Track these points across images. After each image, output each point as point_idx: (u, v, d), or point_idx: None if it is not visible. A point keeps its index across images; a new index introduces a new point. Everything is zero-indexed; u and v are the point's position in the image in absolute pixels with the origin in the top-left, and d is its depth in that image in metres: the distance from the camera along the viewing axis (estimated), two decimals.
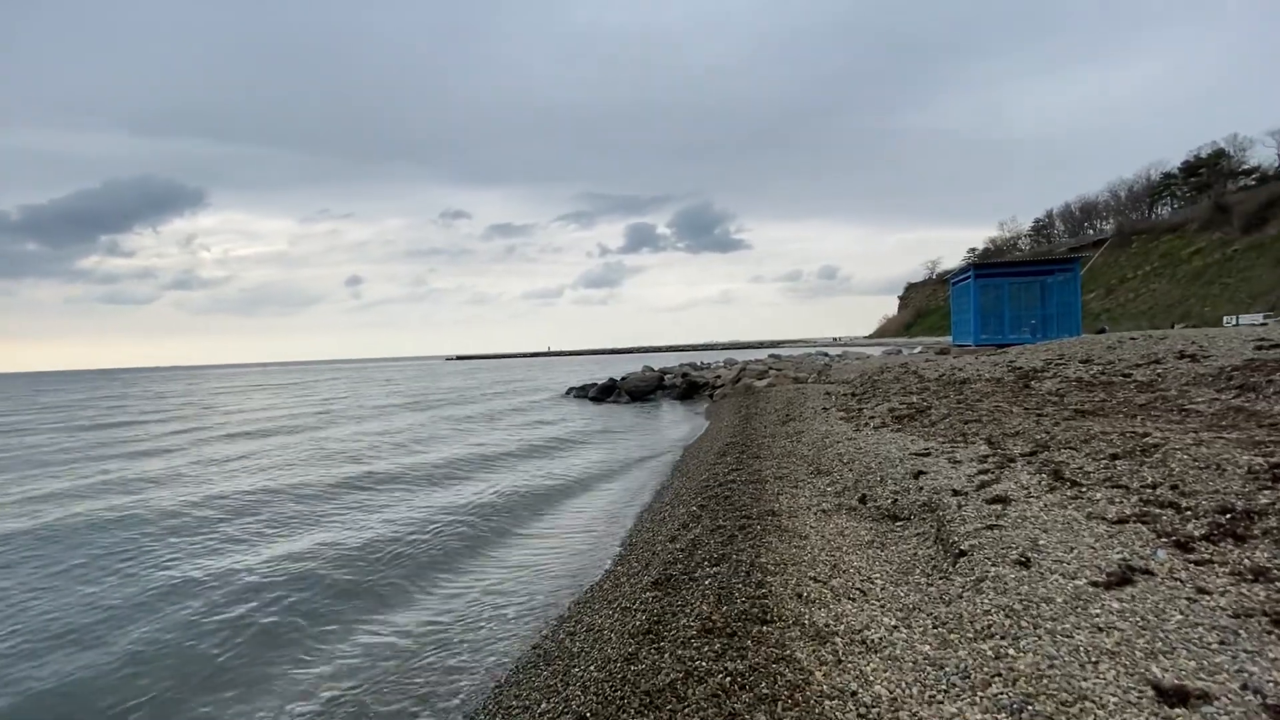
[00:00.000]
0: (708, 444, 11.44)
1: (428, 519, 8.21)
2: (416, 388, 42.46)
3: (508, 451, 13.67)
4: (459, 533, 7.59)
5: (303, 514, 8.82)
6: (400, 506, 9.05)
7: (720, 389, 22.95)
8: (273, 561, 6.72)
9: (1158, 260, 74.93)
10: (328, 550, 7.00)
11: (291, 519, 8.58)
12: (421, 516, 8.36)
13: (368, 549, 7.01)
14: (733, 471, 7.64)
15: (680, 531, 5.53)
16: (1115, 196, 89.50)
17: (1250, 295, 58.93)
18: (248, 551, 7.15)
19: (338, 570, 6.36)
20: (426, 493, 9.92)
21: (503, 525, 7.90)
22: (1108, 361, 11.03)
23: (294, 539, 7.60)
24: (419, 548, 7.05)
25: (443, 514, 8.44)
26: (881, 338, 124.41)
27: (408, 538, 7.40)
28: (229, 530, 8.12)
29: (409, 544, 7.18)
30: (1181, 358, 9.68)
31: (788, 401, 14.65)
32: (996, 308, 22.90)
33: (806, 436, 9.27)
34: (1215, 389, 7.63)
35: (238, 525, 8.35)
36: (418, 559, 6.68)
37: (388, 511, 8.76)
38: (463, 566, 6.45)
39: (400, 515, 8.49)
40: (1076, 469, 4.95)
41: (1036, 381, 10.82)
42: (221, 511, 9.10)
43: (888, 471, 6.20)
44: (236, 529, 8.17)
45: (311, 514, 8.81)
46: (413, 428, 19.15)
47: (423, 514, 8.50)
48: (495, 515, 8.36)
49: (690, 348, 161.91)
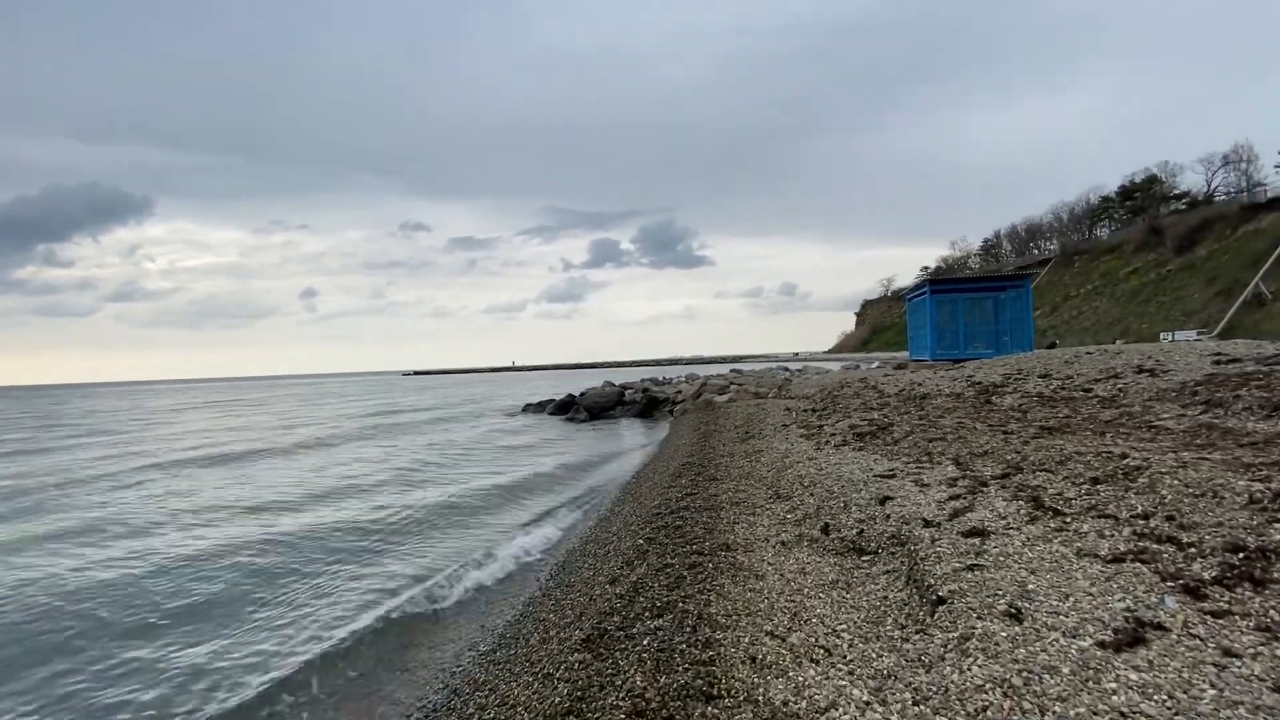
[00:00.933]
0: (664, 464, 10.82)
1: (312, 561, 7.33)
2: (363, 406, 40.73)
3: (441, 469, 12.76)
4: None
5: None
6: (282, 547, 8.12)
7: (681, 404, 22.43)
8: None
9: (1098, 279, 78.43)
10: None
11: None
12: (303, 561, 7.47)
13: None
14: (687, 496, 7.02)
15: (623, 570, 4.87)
16: (1058, 218, 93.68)
17: (1184, 313, 62.05)
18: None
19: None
20: (324, 521, 8.99)
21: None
22: (1066, 376, 10.90)
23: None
24: (301, 593, 6.19)
25: (349, 538, 7.57)
26: (840, 353, 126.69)
27: (280, 580, 6.52)
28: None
29: (278, 586, 6.31)
30: (1140, 372, 9.57)
31: (747, 418, 14.18)
32: (952, 323, 23.11)
33: (766, 456, 8.74)
34: (1180, 404, 7.43)
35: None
36: (306, 598, 5.83)
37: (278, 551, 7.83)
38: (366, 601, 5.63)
39: (281, 559, 7.58)
40: (1056, 495, 4.50)
41: (997, 397, 10.59)
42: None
43: (851, 496, 5.68)
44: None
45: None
46: (347, 464, 17.99)
47: (310, 554, 7.61)
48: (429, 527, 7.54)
49: (654, 363, 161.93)
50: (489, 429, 21.83)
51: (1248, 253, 60.24)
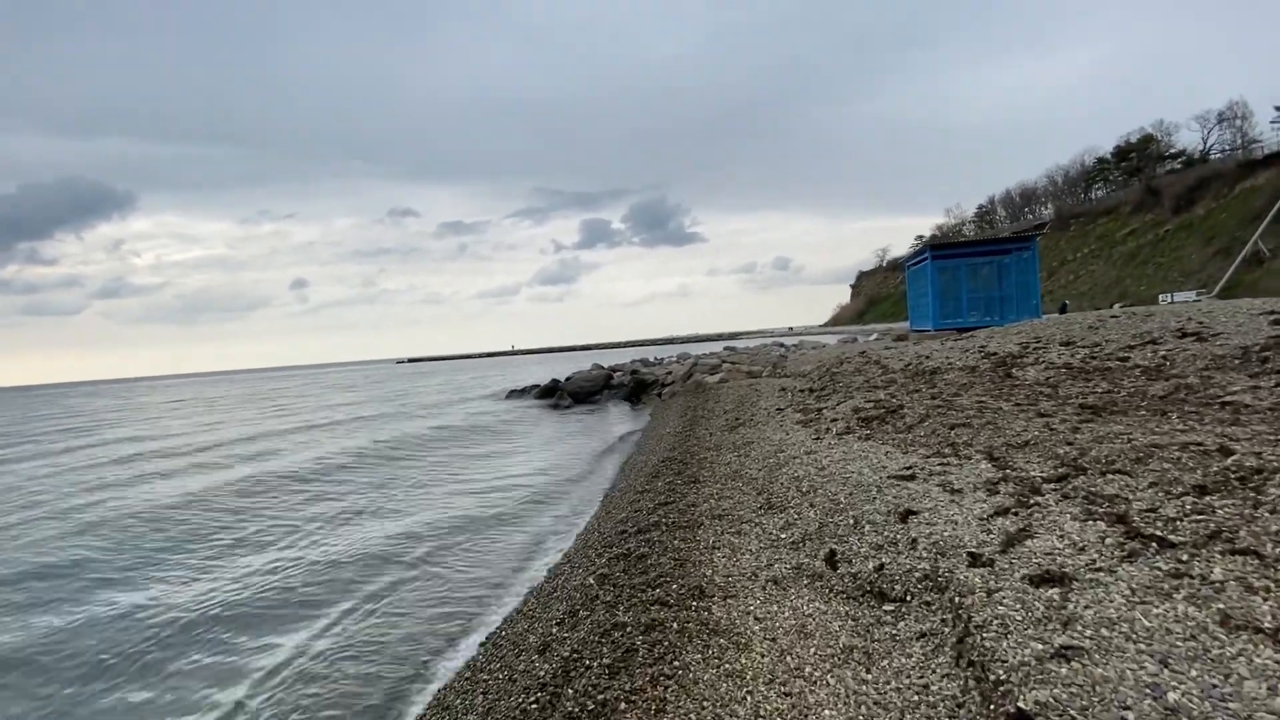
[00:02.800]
0: (643, 459, 9.60)
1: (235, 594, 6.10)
2: (349, 398, 39.47)
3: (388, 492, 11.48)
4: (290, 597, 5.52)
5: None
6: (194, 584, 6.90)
7: (670, 386, 21.20)
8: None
9: (1095, 242, 77.09)
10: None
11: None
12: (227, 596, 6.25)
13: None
14: (661, 507, 5.79)
15: (560, 630, 3.64)
16: (1053, 182, 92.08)
17: (1182, 274, 60.86)
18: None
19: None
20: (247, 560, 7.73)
21: (351, 582, 5.86)
22: (1093, 344, 9.67)
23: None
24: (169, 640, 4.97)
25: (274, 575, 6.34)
26: (836, 326, 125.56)
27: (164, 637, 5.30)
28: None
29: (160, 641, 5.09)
30: (1184, 336, 8.34)
31: (739, 400, 12.95)
32: (955, 290, 21.83)
33: (757, 449, 7.52)
34: (1247, 374, 6.20)
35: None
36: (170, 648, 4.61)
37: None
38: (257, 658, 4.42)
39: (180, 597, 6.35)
40: (1149, 512, 3.27)
41: (1018, 369, 9.36)
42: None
43: (863, 509, 4.46)
44: None
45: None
46: (320, 460, 16.75)
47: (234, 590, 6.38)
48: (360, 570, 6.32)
49: (649, 342, 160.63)
50: (482, 423, 20.58)
51: (1246, 210, 58.87)
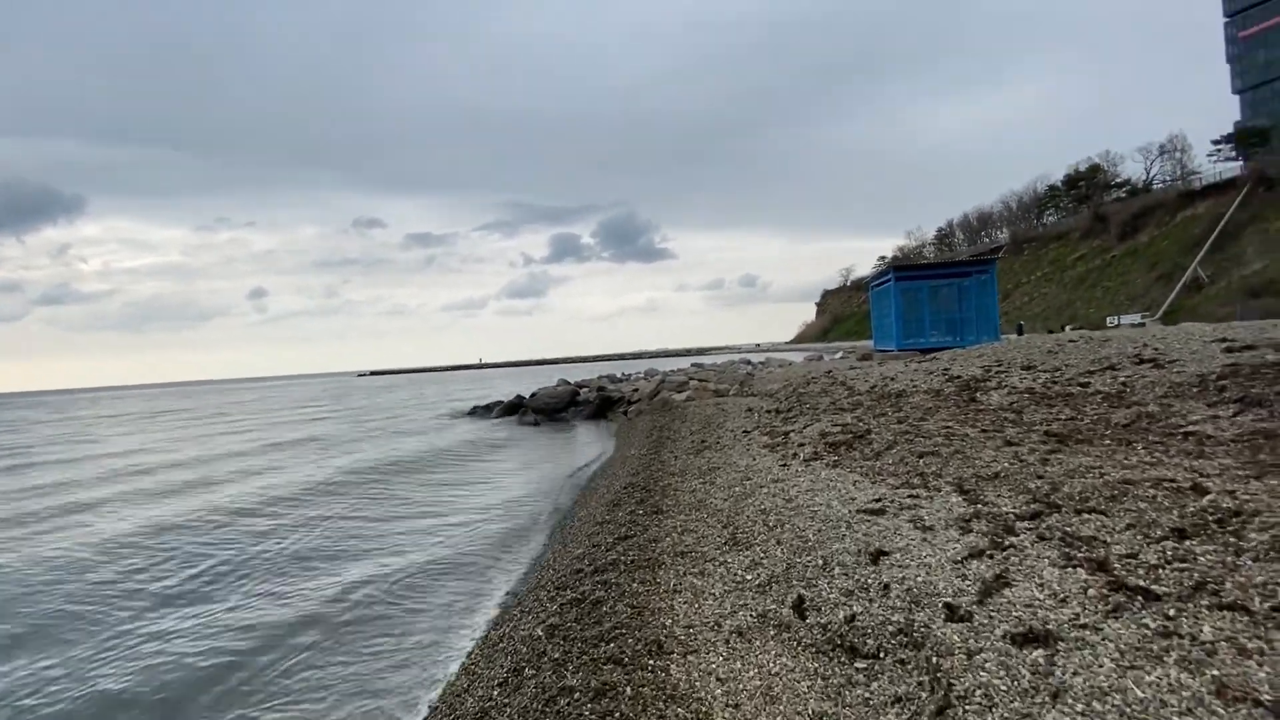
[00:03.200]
0: (605, 485, 9.26)
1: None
2: (304, 414, 38.07)
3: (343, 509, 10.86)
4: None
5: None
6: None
7: (636, 404, 20.91)
8: None
9: (1047, 266, 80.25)
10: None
11: None
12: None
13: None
14: (620, 542, 5.47)
15: (499, 695, 3.28)
16: (1008, 207, 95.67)
17: (1128, 298, 63.74)
18: None
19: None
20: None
21: (263, 650, 5.35)
22: (1054, 368, 9.77)
23: None
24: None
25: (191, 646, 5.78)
26: (801, 343, 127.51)
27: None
28: None
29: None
30: (1141, 363, 8.45)
31: (705, 421, 12.75)
32: (917, 311, 22.19)
33: (723, 475, 7.27)
34: (1205, 402, 6.24)
35: None
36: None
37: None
38: None
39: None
40: (1129, 557, 3.11)
41: (982, 393, 9.38)
42: None
43: (832, 547, 4.23)
44: None
45: None
46: (227, 492, 15.88)
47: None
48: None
49: (618, 357, 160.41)
50: (415, 449, 19.83)
51: (1186, 238, 62.16)
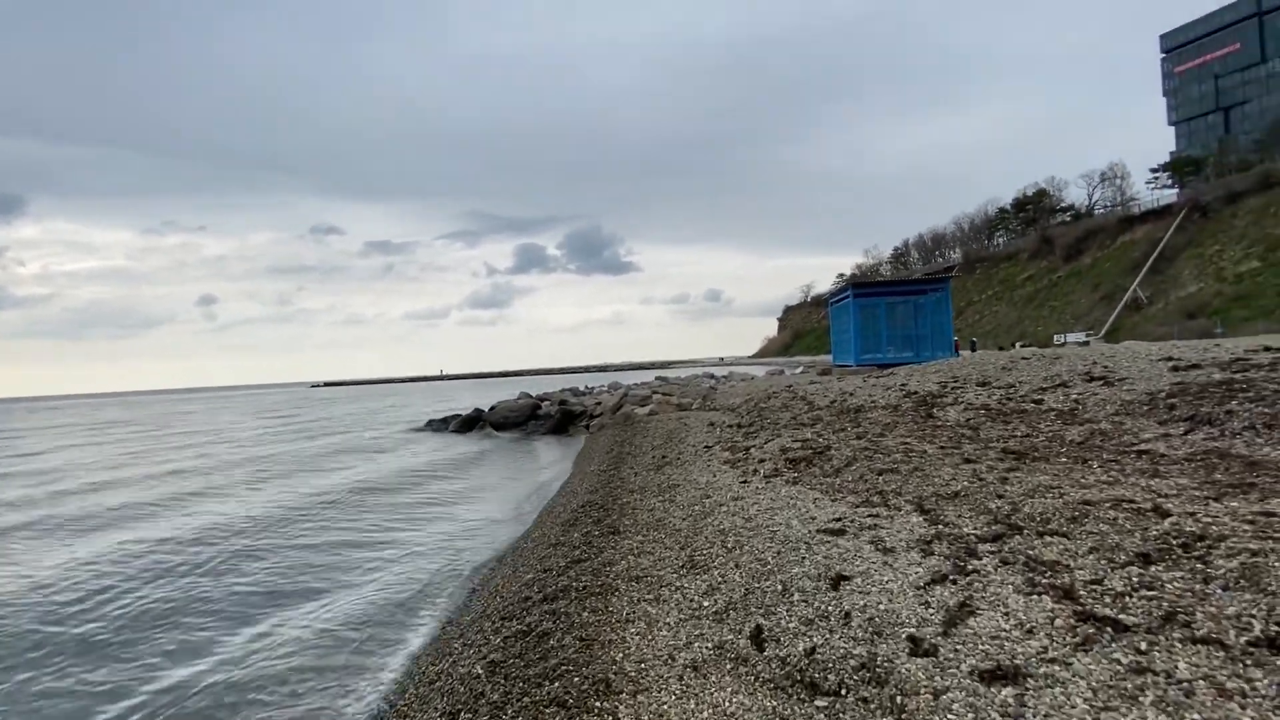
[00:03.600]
0: (562, 503, 8.93)
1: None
2: (250, 428, 36.50)
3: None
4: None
5: None
6: None
7: (598, 418, 20.60)
8: None
9: (997, 285, 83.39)
10: None
11: None
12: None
13: None
14: (573, 565, 5.18)
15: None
16: (960, 228, 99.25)
17: (1073, 316, 66.65)
18: None
19: None
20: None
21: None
22: (1008, 385, 9.91)
23: None
24: None
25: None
26: (764, 357, 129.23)
27: None
28: None
29: None
30: (1092, 380, 8.62)
31: (667, 436, 12.54)
32: (874, 327, 22.58)
33: (683, 493, 7.05)
34: (1156, 420, 6.34)
35: None
36: None
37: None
38: None
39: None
40: (1094, 584, 3.00)
41: (939, 409, 9.44)
42: None
43: (791, 571, 4.04)
44: None
45: None
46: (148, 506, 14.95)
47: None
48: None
49: (583, 370, 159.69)
50: (391, 460, 19.08)
51: (1126, 261, 65.51)
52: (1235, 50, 79.74)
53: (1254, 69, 78.43)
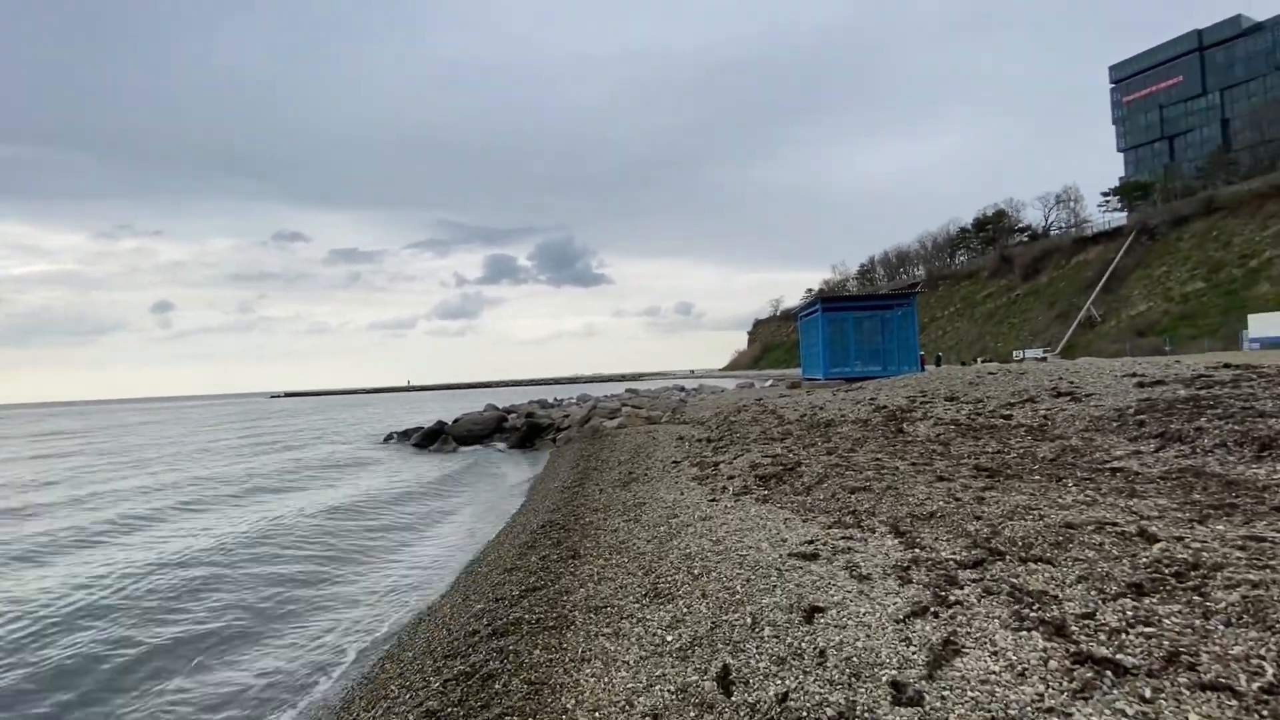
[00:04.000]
0: (522, 522, 8.51)
1: None
2: (198, 441, 34.97)
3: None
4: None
5: None
6: None
7: (565, 431, 20.15)
8: None
9: (959, 302, 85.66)
10: None
11: None
12: None
13: None
14: (528, 594, 4.80)
15: None
16: (924, 246, 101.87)
17: (1031, 333, 68.75)
18: None
19: None
20: None
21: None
22: (976, 400, 9.88)
23: None
24: None
25: None
26: (734, 370, 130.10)
27: None
28: None
29: None
30: (1059, 396, 8.61)
31: (635, 451, 12.21)
32: (843, 341, 22.70)
33: (649, 512, 6.72)
34: (1126, 437, 6.27)
35: None
36: None
37: None
38: None
39: None
40: (1085, 618, 2.77)
41: (909, 424, 9.33)
42: None
43: (762, 601, 3.74)
44: None
45: None
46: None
47: None
48: None
49: (554, 381, 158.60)
50: (348, 475, 18.27)
51: (1080, 280, 68.00)
52: (1178, 83, 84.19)
53: (1195, 100, 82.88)
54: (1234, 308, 50.83)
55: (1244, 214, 57.80)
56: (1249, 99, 76.09)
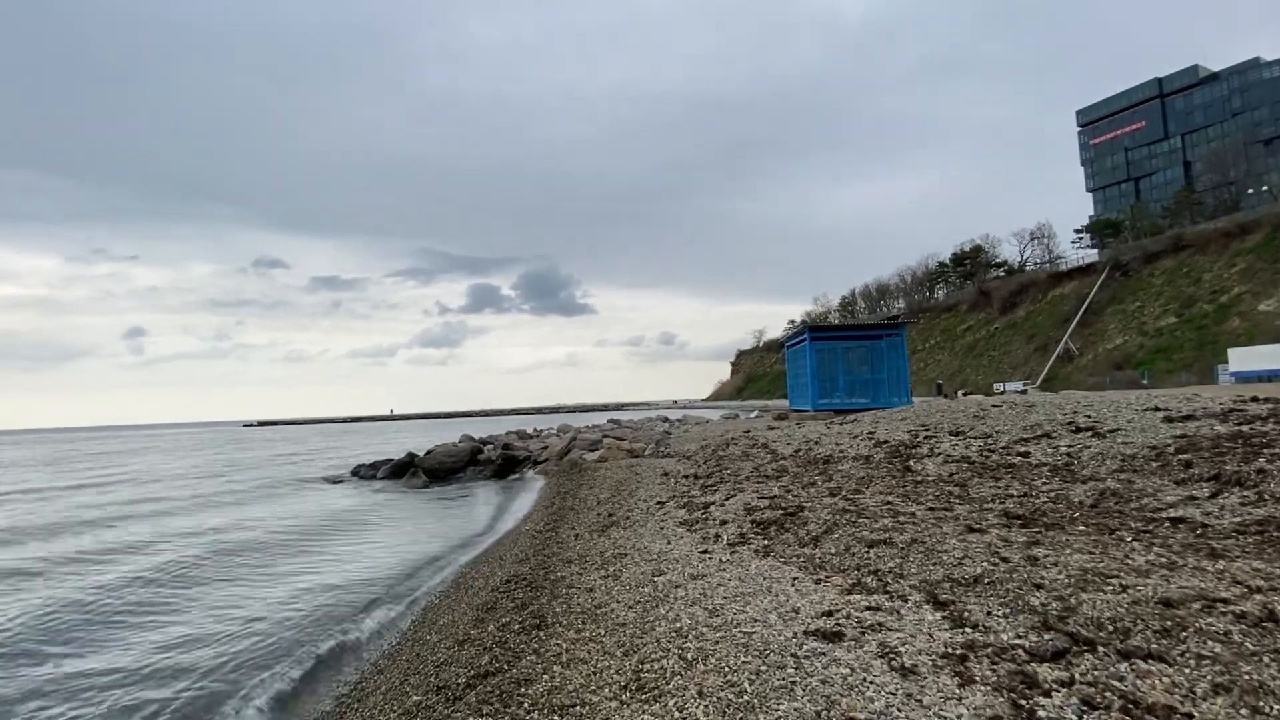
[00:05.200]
0: (484, 574, 7.47)
1: None
2: (151, 470, 33.05)
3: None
4: None
5: None
6: None
7: (543, 465, 19.07)
8: None
9: (939, 335, 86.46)
10: None
11: None
12: None
13: None
14: (476, 683, 3.83)
15: None
16: (903, 279, 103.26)
17: (1010, 365, 69.30)
18: None
19: None
20: None
21: None
22: (984, 434, 9.16)
23: None
24: None
25: None
26: (717, 400, 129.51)
27: None
28: None
29: None
30: (1078, 431, 7.91)
31: (616, 487, 11.25)
32: (831, 372, 22.11)
33: (631, 566, 5.78)
34: (1171, 479, 5.54)
35: None
36: None
37: None
38: None
39: None
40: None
41: (916, 461, 8.55)
42: None
43: (779, 709, 2.84)
44: None
45: None
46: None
47: None
48: None
49: (535, 411, 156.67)
50: (291, 515, 16.92)
51: (1057, 314, 68.98)
52: (1141, 127, 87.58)
53: (1158, 144, 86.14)
54: (1206, 342, 51.70)
55: (1211, 251, 59.36)
56: (1208, 143, 79.25)
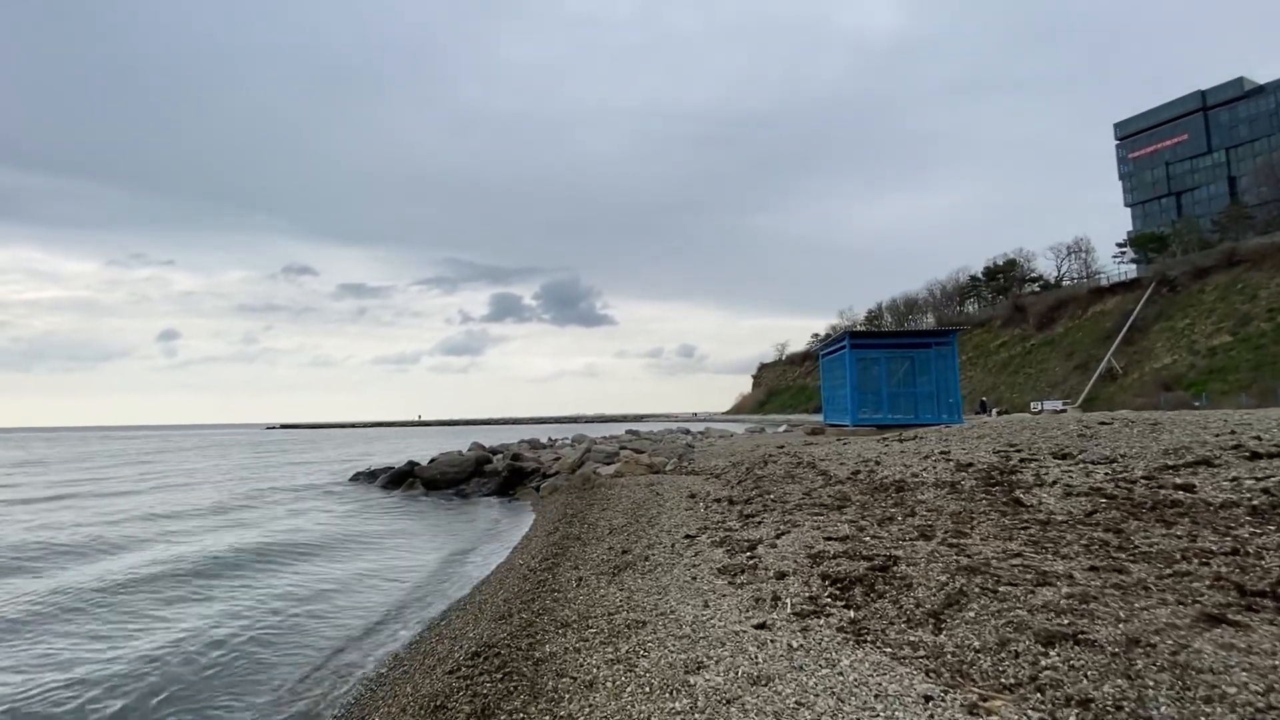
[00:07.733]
0: (446, 640, 5.65)
1: None
2: (158, 472, 32.00)
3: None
4: None
5: None
6: None
7: (552, 478, 17.27)
8: None
9: (972, 351, 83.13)
10: None
11: None
12: None
13: None
14: None
15: None
16: (933, 294, 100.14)
17: (1049, 384, 65.95)
18: None
19: None
20: None
21: None
22: (1106, 459, 7.14)
23: None
24: None
25: None
26: (738, 414, 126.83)
27: None
28: None
29: None
30: (1256, 458, 5.89)
31: (633, 511, 9.38)
32: (873, 383, 20.02)
33: (652, 650, 3.92)
34: None
35: None
36: None
37: None
38: None
39: None
40: None
41: (1022, 491, 6.57)
42: None
43: None
44: None
45: None
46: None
47: None
48: None
49: (555, 420, 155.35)
50: (275, 531, 15.32)
51: (1098, 331, 65.61)
52: (1184, 140, 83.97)
53: (1201, 158, 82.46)
54: (1265, 362, 48.27)
55: (1268, 267, 55.86)
56: (1254, 157, 75.51)
